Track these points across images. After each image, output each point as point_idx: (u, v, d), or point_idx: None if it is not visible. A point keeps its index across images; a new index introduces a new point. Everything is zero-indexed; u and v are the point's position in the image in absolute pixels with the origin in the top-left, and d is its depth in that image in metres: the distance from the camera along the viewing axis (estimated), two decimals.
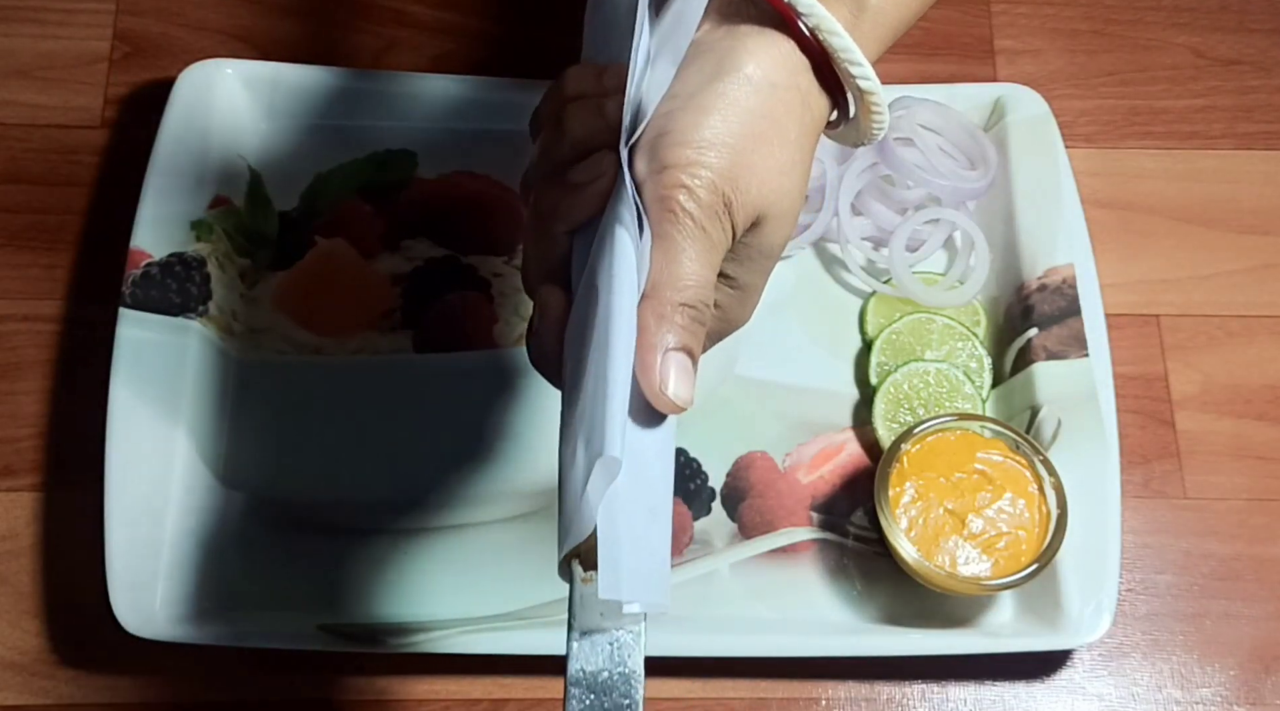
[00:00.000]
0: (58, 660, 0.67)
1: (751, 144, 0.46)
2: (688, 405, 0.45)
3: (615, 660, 0.44)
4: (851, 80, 0.49)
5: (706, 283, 0.46)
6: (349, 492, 0.70)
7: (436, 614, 0.66)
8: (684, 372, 0.45)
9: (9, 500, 0.70)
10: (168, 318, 0.70)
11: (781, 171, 0.47)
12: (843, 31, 0.47)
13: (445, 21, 0.84)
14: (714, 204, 0.45)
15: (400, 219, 0.76)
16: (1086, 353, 0.71)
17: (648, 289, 0.45)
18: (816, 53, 0.48)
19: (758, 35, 0.47)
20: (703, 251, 0.45)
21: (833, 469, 0.71)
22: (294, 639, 0.65)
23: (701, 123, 0.46)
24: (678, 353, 0.45)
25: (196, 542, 0.67)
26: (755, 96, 0.46)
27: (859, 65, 0.48)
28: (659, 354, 0.44)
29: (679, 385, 0.45)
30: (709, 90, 0.46)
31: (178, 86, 0.75)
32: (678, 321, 0.45)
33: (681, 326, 0.45)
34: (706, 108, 0.46)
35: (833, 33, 0.47)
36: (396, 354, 0.73)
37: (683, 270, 0.45)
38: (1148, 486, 0.73)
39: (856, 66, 0.48)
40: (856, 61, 0.48)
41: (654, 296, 0.45)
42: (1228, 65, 0.84)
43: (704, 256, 0.45)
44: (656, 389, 0.44)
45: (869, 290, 0.75)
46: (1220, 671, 0.69)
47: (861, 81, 0.49)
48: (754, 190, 0.46)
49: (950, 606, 0.68)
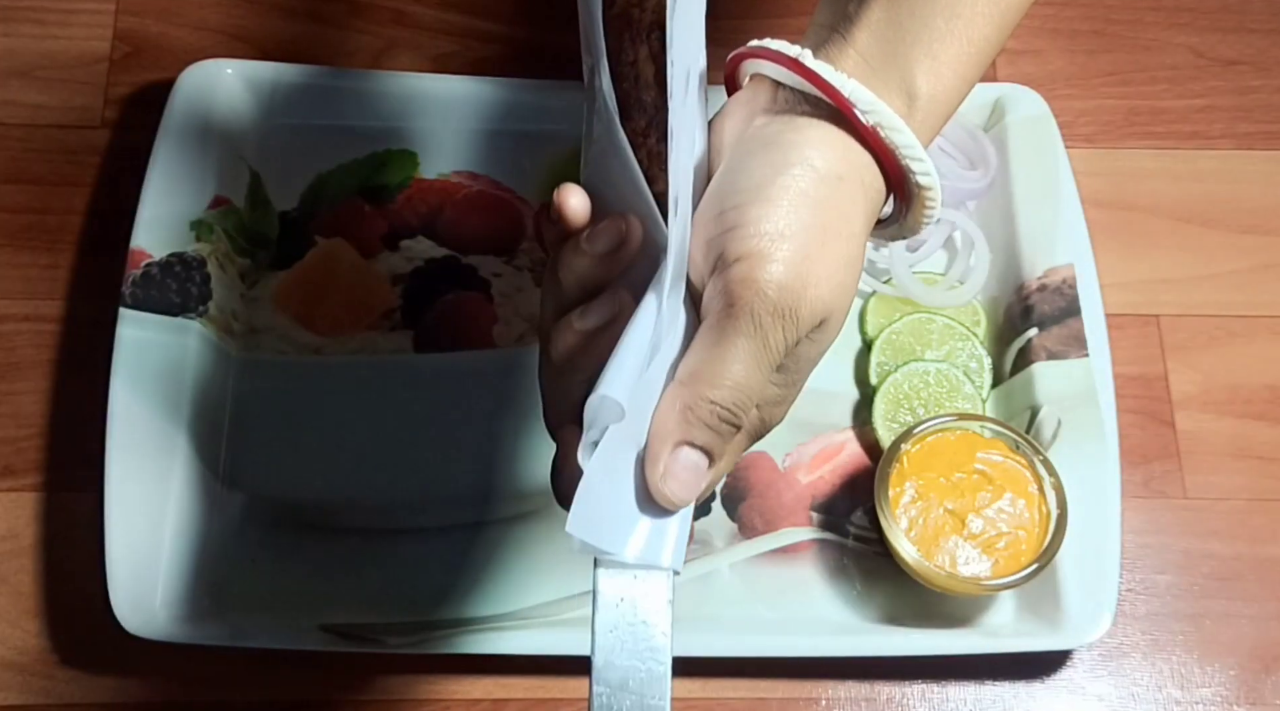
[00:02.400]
0: (58, 660, 0.67)
1: (820, 236, 0.44)
2: (683, 505, 0.43)
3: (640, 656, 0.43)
4: (912, 177, 0.47)
5: (749, 389, 0.43)
6: (349, 492, 0.70)
7: (436, 614, 0.66)
8: (693, 472, 0.43)
9: (9, 500, 0.70)
10: (168, 318, 0.70)
11: (847, 266, 0.45)
12: (904, 127, 0.46)
13: (445, 21, 0.84)
14: (781, 305, 0.43)
15: (400, 219, 0.76)
16: (1086, 352, 0.71)
17: (683, 375, 0.43)
18: (879, 148, 0.46)
19: (820, 128, 0.46)
20: (755, 355, 0.43)
21: (833, 469, 0.71)
22: (294, 639, 0.65)
23: (771, 215, 0.44)
24: (694, 450, 0.43)
25: (196, 542, 0.67)
26: (822, 187, 0.45)
27: (920, 161, 0.47)
28: (670, 445, 0.43)
29: (682, 484, 0.43)
30: (775, 183, 0.44)
31: (178, 86, 0.75)
32: (705, 419, 0.43)
33: (707, 425, 0.43)
34: (774, 200, 0.44)
35: (894, 128, 0.46)
36: (396, 354, 0.73)
37: (727, 369, 0.43)
38: (1148, 486, 0.73)
39: (918, 162, 0.47)
40: (918, 157, 0.46)
41: (688, 385, 0.43)
42: (1228, 65, 0.84)
43: (754, 361, 0.43)
44: (656, 482, 0.43)
45: (869, 290, 0.75)
46: (1220, 671, 0.69)
47: (921, 177, 0.47)
48: (823, 287, 0.44)
49: (950, 606, 0.68)
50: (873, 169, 0.47)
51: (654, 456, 0.43)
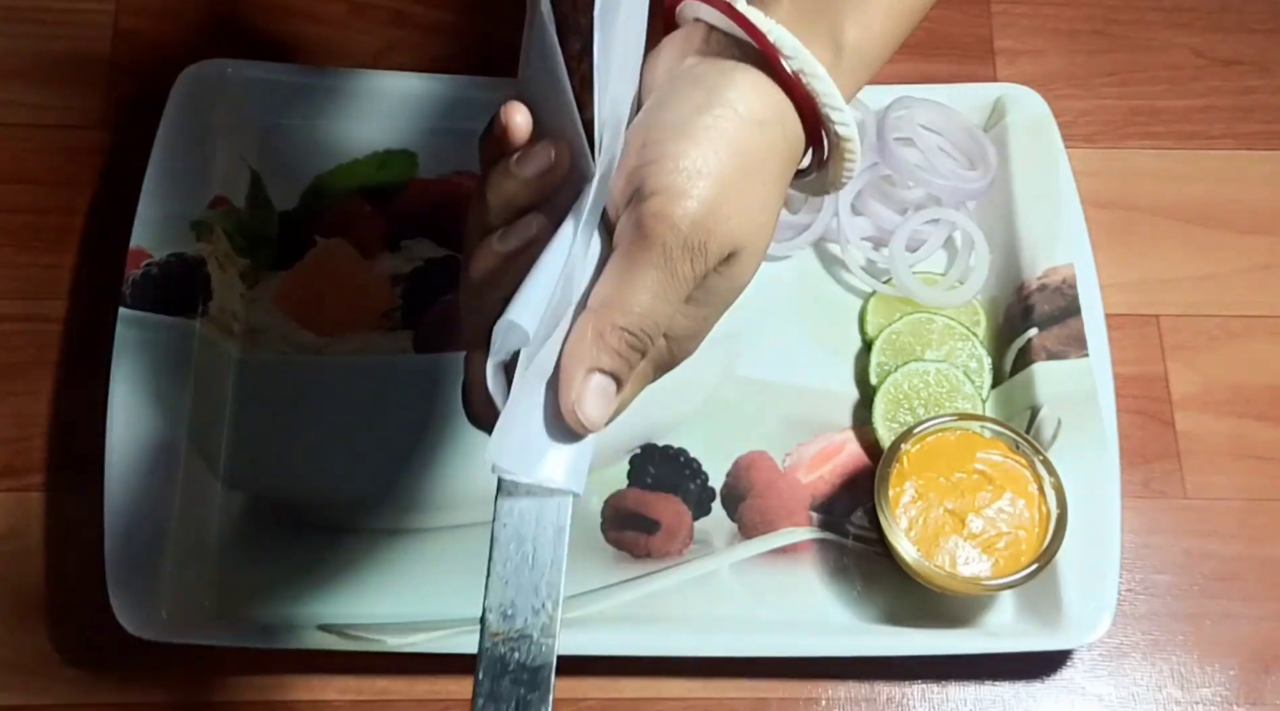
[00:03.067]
0: (58, 660, 0.67)
1: (736, 177, 0.45)
2: (595, 429, 0.44)
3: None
4: (831, 126, 0.48)
5: (657, 317, 0.45)
6: (349, 492, 0.70)
7: (436, 614, 0.66)
8: (603, 396, 0.44)
9: (10, 500, 0.70)
10: (168, 317, 0.70)
11: (762, 206, 0.47)
12: (825, 76, 0.47)
13: (445, 21, 0.84)
14: (692, 240, 0.44)
15: (400, 219, 0.76)
16: (1086, 352, 0.71)
17: (594, 302, 0.44)
18: (799, 95, 0.47)
19: (746, 73, 0.47)
20: (664, 286, 0.44)
21: (833, 469, 0.71)
22: (294, 639, 0.65)
23: (690, 152, 0.45)
24: (604, 376, 0.44)
25: (196, 542, 0.67)
26: (743, 129, 0.46)
27: (838, 111, 0.48)
28: (583, 370, 0.44)
29: (595, 408, 0.44)
30: (697, 122, 0.45)
31: (178, 86, 0.75)
32: (613, 345, 0.44)
33: (616, 351, 0.44)
34: (695, 138, 0.45)
35: (815, 76, 0.47)
36: (396, 354, 0.73)
37: (636, 297, 0.44)
38: (1148, 486, 0.73)
39: (836, 112, 0.48)
40: (836, 107, 0.48)
41: (598, 312, 0.44)
42: (1228, 65, 0.84)
43: (663, 291, 0.44)
44: (570, 405, 0.44)
45: (869, 290, 0.75)
46: (1220, 671, 0.69)
47: (840, 128, 0.48)
48: (734, 223, 0.45)
49: (950, 606, 0.68)
50: (794, 116, 0.48)
51: (567, 381, 0.44)
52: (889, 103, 0.76)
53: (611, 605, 0.67)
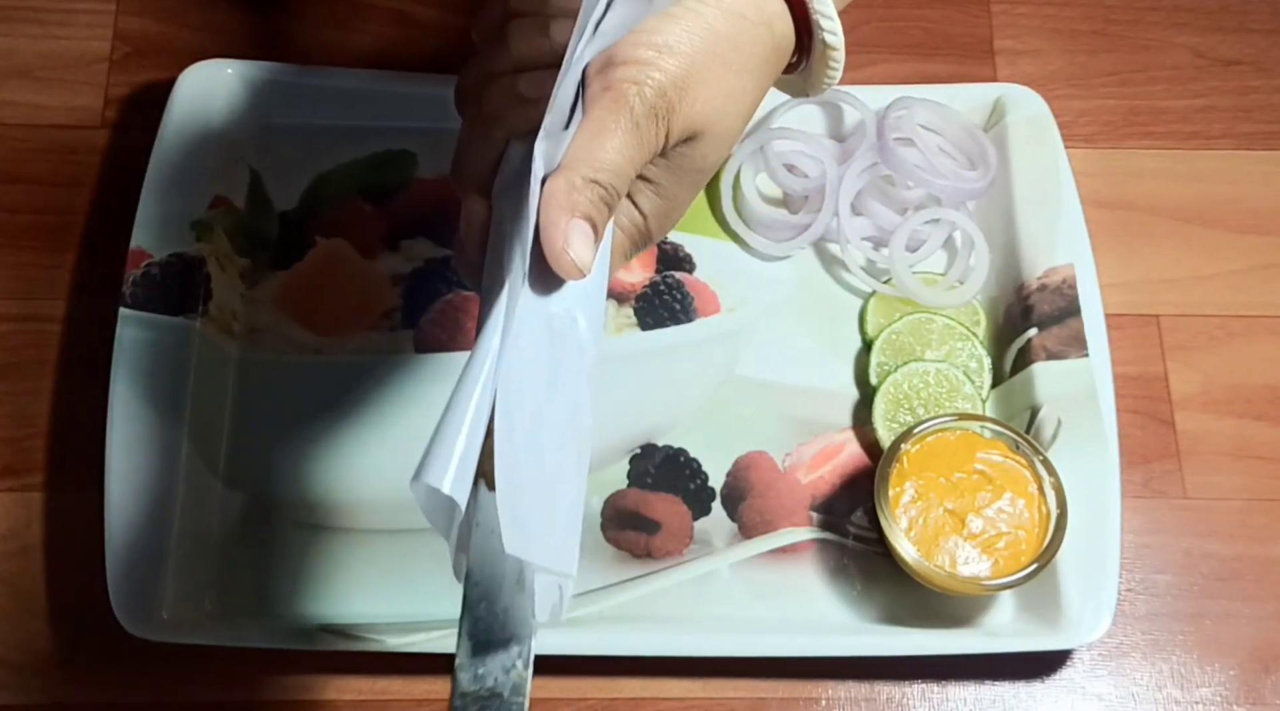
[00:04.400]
0: (58, 660, 0.67)
1: (708, 61, 0.47)
2: (587, 270, 0.45)
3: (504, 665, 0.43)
4: (820, 33, 0.50)
5: (623, 172, 0.46)
6: (349, 492, 0.70)
7: (436, 614, 0.66)
8: (586, 238, 0.45)
9: (10, 500, 0.70)
10: (168, 318, 0.70)
11: (731, 95, 0.48)
12: None
13: (445, 21, 0.84)
14: (657, 106, 0.46)
15: (400, 219, 0.76)
16: (1086, 352, 0.71)
17: (563, 162, 0.45)
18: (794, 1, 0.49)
19: None
20: (629, 144, 0.46)
21: (833, 469, 0.71)
22: (294, 639, 0.65)
23: (664, 28, 0.46)
24: (581, 221, 0.45)
25: (196, 542, 0.67)
26: (722, 20, 0.47)
27: (828, 19, 0.49)
28: (564, 217, 0.44)
29: (581, 248, 0.45)
30: (679, 4, 0.47)
31: (178, 86, 0.75)
32: (586, 195, 0.45)
33: (589, 201, 0.45)
34: (673, 16, 0.47)
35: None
36: (396, 354, 0.73)
37: (603, 152, 0.45)
38: (1148, 486, 0.73)
39: (826, 19, 0.49)
40: (827, 15, 0.49)
41: (569, 167, 0.45)
42: (1228, 65, 0.84)
43: (629, 149, 0.46)
44: (559, 247, 0.44)
45: (869, 290, 0.75)
46: (1220, 671, 0.69)
47: (828, 35, 0.50)
48: (699, 104, 0.47)
49: (950, 606, 0.68)
50: (785, 19, 0.49)
51: (551, 228, 0.44)
52: (889, 103, 0.76)
53: (611, 605, 0.67)
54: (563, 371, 0.46)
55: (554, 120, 0.45)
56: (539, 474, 0.44)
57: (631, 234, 0.50)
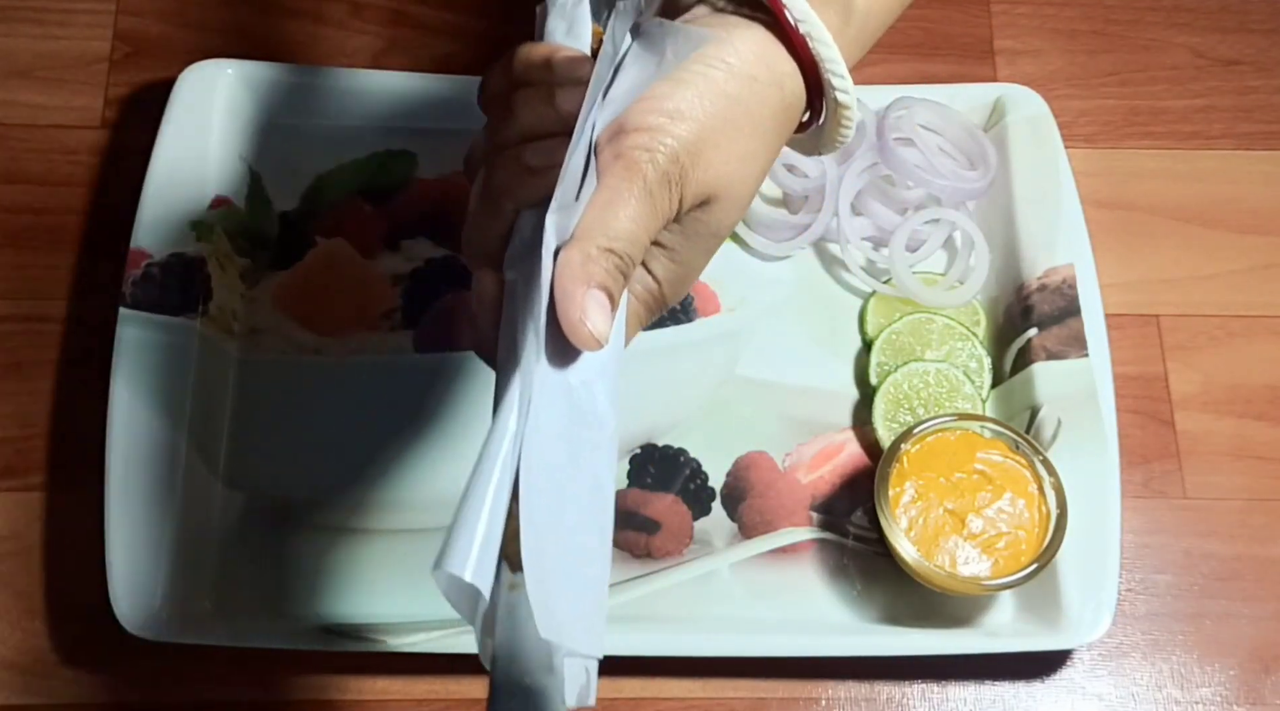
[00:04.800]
0: (58, 660, 0.67)
1: (720, 125, 0.46)
2: (604, 341, 0.44)
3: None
4: (832, 92, 0.49)
5: (638, 240, 0.45)
6: (349, 492, 0.70)
7: (436, 614, 0.66)
8: (603, 309, 0.44)
9: (10, 500, 0.70)
10: (168, 317, 0.70)
11: (743, 158, 0.47)
12: (831, 42, 0.48)
13: (445, 21, 0.84)
14: (670, 172, 0.45)
15: (400, 219, 0.76)
16: (1086, 352, 0.71)
17: (577, 232, 0.45)
18: (804, 58, 0.48)
19: (747, 29, 0.48)
20: (644, 213, 0.45)
21: (833, 469, 0.71)
22: (294, 639, 0.65)
23: (675, 94, 0.46)
24: (598, 291, 0.44)
25: (196, 542, 0.67)
26: (732, 83, 0.47)
27: (841, 78, 0.49)
28: (581, 288, 0.44)
29: (598, 319, 0.44)
30: (688, 68, 0.46)
31: (178, 86, 0.75)
32: (602, 265, 0.44)
33: (605, 270, 0.44)
34: (683, 80, 0.46)
35: (822, 42, 0.48)
36: (396, 354, 0.73)
37: (617, 221, 0.44)
38: (1148, 486, 0.73)
39: (838, 78, 0.49)
40: (839, 74, 0.49)
41: (582, 239, 0.44)
42: (1228, 65, 0.84)
43: (643, 217, 0.45)
44: (576, 318, 0.43)
45: (869, 290, 0.75)
46: (1220, 671, 0.69)
47: (840, 94, 0.49)
48: (713, 169, 0.46)
49: (950, 606, 0.68)
50: (796, 78, 0.49)
51: (567, 299, 0.44)
52: (889, 103, 0.76)
53: (611, 605, 0.67)
54: (583, 445, 0.45)
55: (565, 191, 0.44)
56: (565, 554, 0.42)
57: (646, 301, 0.49)
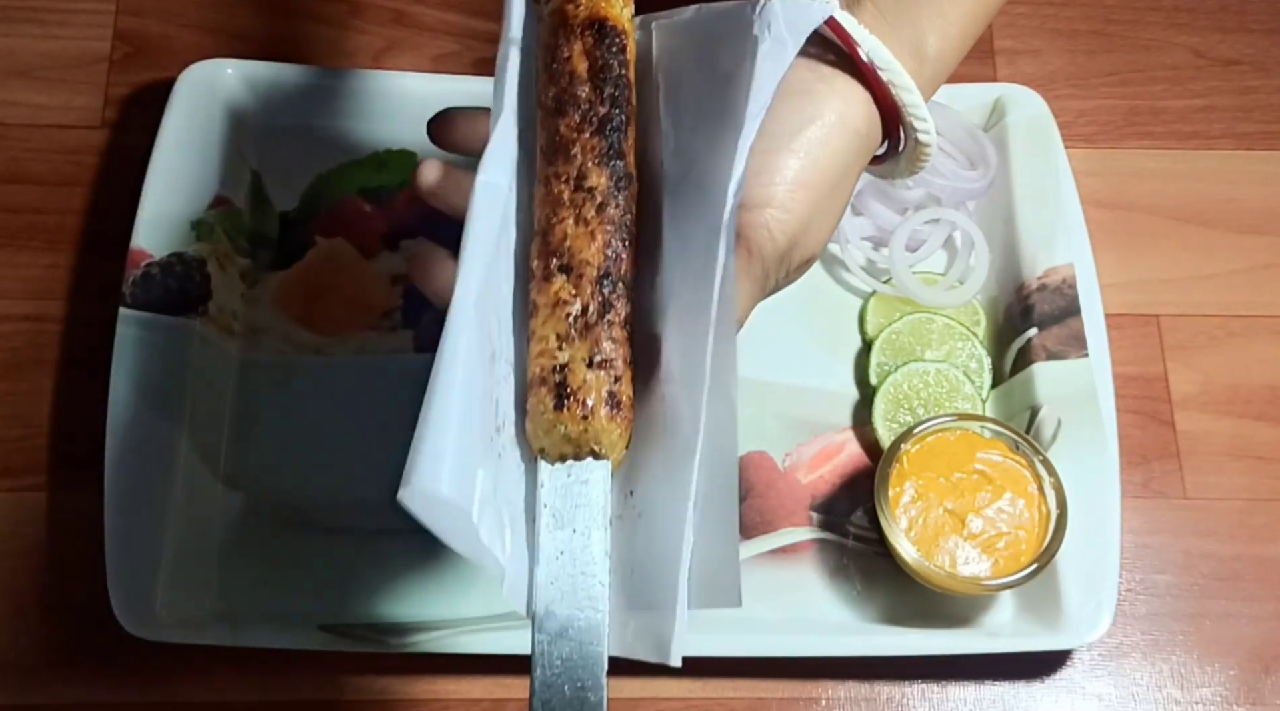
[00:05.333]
0: (58, 660, 0.67)
1: (829, 191, 0.49)
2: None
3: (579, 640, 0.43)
4: (914, 133, 0.52)
5: (746, 314, 0.48)
6: (349, 492, 0.70)
7: (436, 614, 0.66)
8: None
9: (9, 500, 0.70)
10: (168, 317, 0.70)
11: (837, 215, 0.51)
12: (914, 88, 0.50)
13: (445, 21, 0.84)
14: (786, 250, 0.48)
15: (400, 219, 0.76)
16: (1086, 352, 0.71)
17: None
18: (887, 104, 0.51)
19: (844, 82, 0.50)
20: (755, 293, 0.48)
21: (833, 469, 0.71)
22: (294, 639, 0.65)
23: (793, 164, 0.48)
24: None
25: (196, 542, 0.67)
26: (840, 140, 0.49)
27: (924, 120, 0.51)
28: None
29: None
30: (804, 134, 0.49)
31: (178, 86, 0.75)
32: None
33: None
34: (798, 151, 0.49)
35: (905, 88, 0.50)
36: (396, 354, 0.73)
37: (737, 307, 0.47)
38: (1148, 486, 0.73)
39: (921, 121, 0.51)
40: (922, 117, 0.51)
41: None
42: (1228, 65, 0.84)
43: (753, 297, 0.48)
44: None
45: (869, 290, 0.75)
46: (1220, 671, 0.69)
47: (923, 135, 0.52)
48: (819, 236, 0.50)
49: (950, 606, 0.68)
50: (877, 123, 0.51)
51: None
52: None
53: None
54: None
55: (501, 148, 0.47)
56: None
57: None
